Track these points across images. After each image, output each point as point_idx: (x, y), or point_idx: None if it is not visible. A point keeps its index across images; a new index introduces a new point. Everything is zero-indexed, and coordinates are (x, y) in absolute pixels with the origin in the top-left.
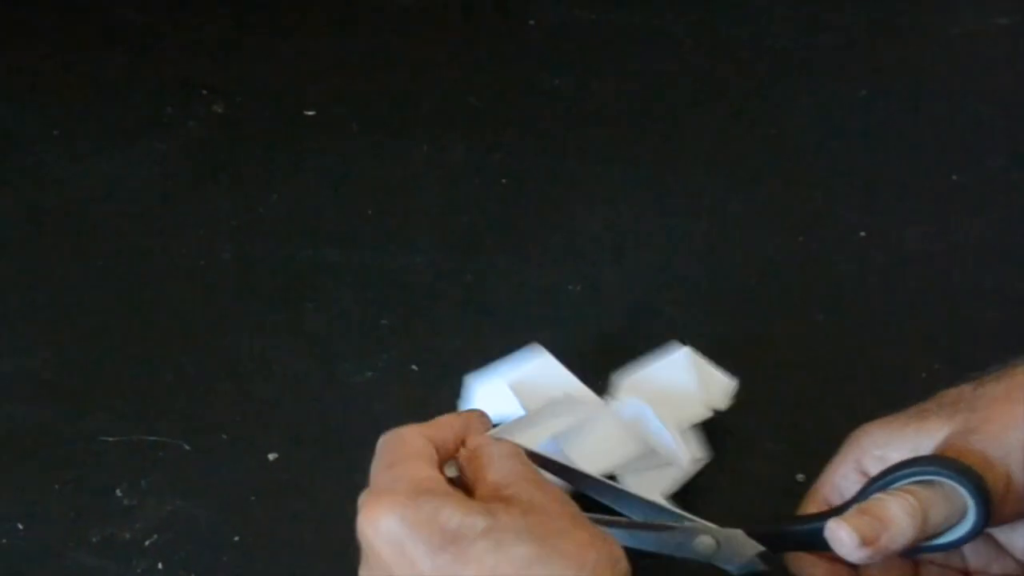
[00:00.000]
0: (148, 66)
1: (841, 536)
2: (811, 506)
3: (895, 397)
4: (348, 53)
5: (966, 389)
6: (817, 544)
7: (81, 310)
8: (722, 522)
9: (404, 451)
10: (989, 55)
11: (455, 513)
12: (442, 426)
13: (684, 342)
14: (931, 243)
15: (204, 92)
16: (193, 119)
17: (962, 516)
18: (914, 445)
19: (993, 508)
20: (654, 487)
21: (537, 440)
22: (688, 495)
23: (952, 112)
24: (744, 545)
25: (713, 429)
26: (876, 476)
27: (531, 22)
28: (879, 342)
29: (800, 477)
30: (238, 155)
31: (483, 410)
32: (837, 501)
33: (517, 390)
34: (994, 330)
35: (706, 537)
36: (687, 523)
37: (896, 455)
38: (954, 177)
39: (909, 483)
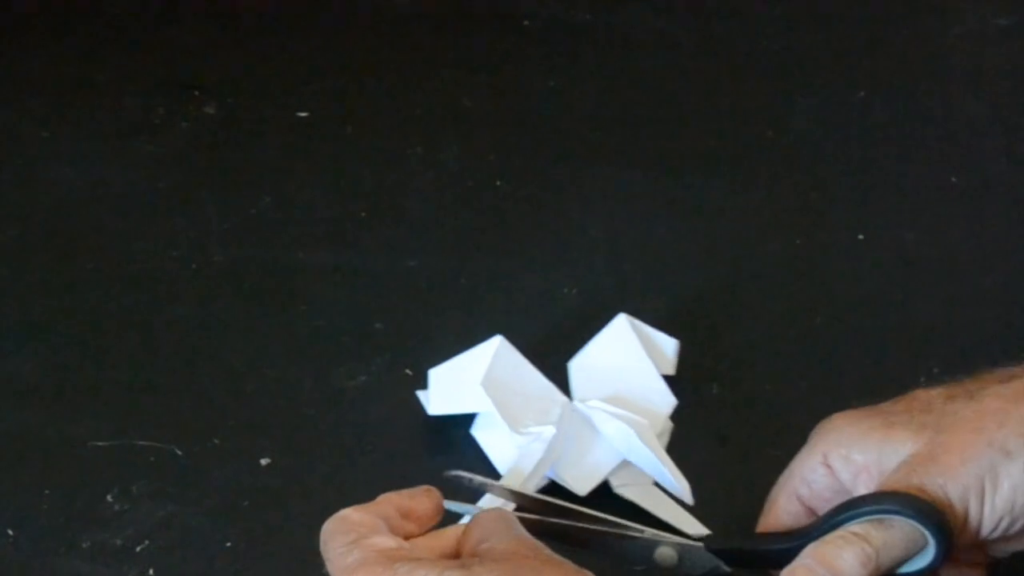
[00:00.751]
0: (139, 66)
1: None
2: (781, 498)
3: None
4: (341, 54)
5: (937, 398)
6: (776, 565)
7: (70, 313)
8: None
9: (360, 529)
10: (988, 56)
11: (431, 572)
12: (383, 503)
13: (681, 345)
14: (930, 246)
15: (196, 93)
16: (185, 120)
17: (920, 550)
18: (878, 454)
19: (951, 546)
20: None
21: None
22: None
23: (951, 113)
24: (704, 559)
25: (708, 435)
26: (839, 506)
27: (526, 23)
28: (877, 346)
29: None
30: (230, 157)
31: (433, 488)
32: (805, 493)
33: (487, 386)
34: (993, 334)
35: (667, 548)
36: (648, 534)
37: (860, 458)
38: (953, 179)
39: (868, 520)
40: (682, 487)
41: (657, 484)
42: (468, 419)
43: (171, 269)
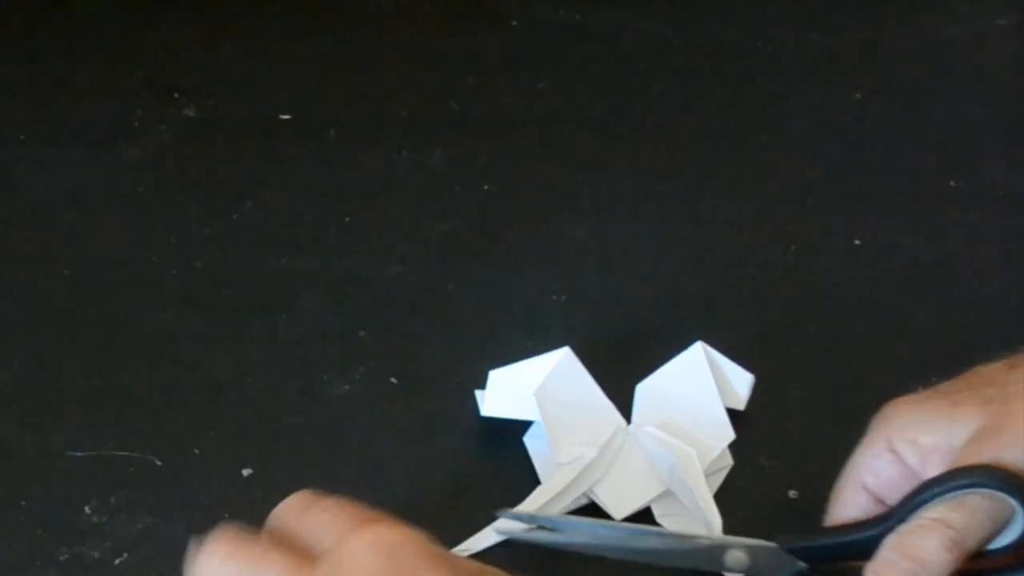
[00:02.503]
0: (117, 68)
1: None
2: (847, 490)
3: None
4: (325, 56)
5: (999, 370)
6: (853, 556)
7: (47, 321)
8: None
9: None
10: (987, 57)
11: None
12: None
13: (671, 353)
14: (928, 252)
15: (176, 95)
16: (164, 123)
17: (1006, 523)
18: (947, 433)
19: None
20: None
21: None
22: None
23: (949, 116)
24: (778, 559)
25: None
26: (913, 492)
27: (514, 23)
28: (873, 354)
29: (792, 494)
30: (211, 161)
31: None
32: (872, 482)
33: (540, 397)
34: (993, 341)
35: (738, 552)
36: (716, 538)
37: (928, 439)
38: (952, 183)
39: (944, 502)
40: (714, 521)
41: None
42: (464, 430)
43: (151, 275)
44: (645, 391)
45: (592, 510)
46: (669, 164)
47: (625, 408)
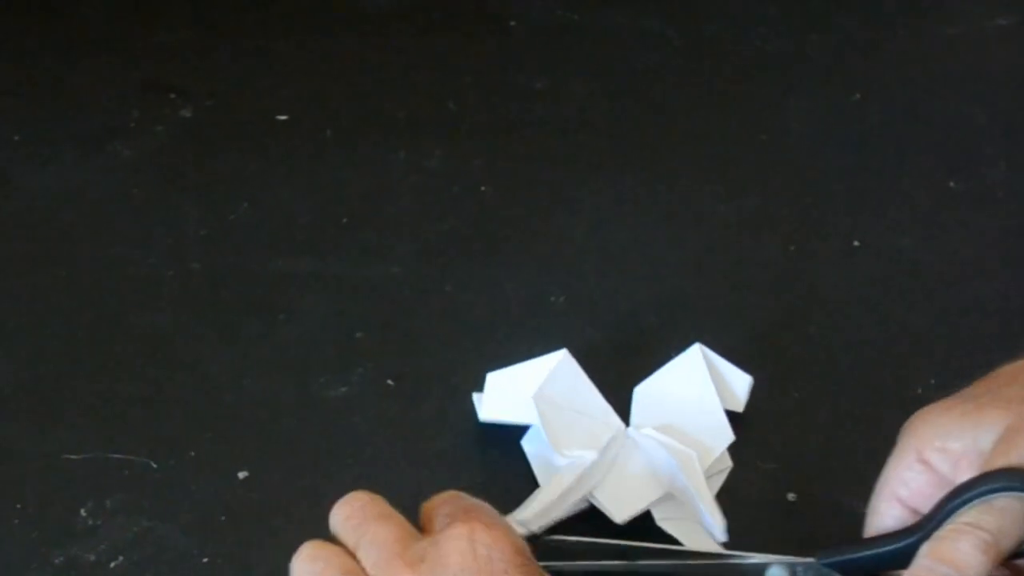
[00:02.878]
0: (113, 68)
1: None
2: (881, 504)
3: (889, 414)
4: (322, 55)
5: (1020, 369)
6: (893, 566)
7: (43, 322)
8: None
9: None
10: (987, 57)
11: None
12: None
13: (670, 355)
14: (927, 253)
15: (172, 96)
16: (160, 124)
17: None
18: (974, 438)
19: None
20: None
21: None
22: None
23: (949, 116)
24: (820, 573)
25: None
26: (945, 498)
27: (512, 23)
28: (873, 356)
29: (791, 496)
30: (207, 161)
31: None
32: (904, 493)
33: (538, 400)
34: (993, 343)
35: (778, 569)
36: (756, 557)
37: (957, 446)
38: (951, 184)
39: (976, 505)
40: (716, 523)
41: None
42: (462, 432)
43: (147, 277)
44: (643, 393)
45: (591, 515)
46: (668, 165)
47: (623, 410)
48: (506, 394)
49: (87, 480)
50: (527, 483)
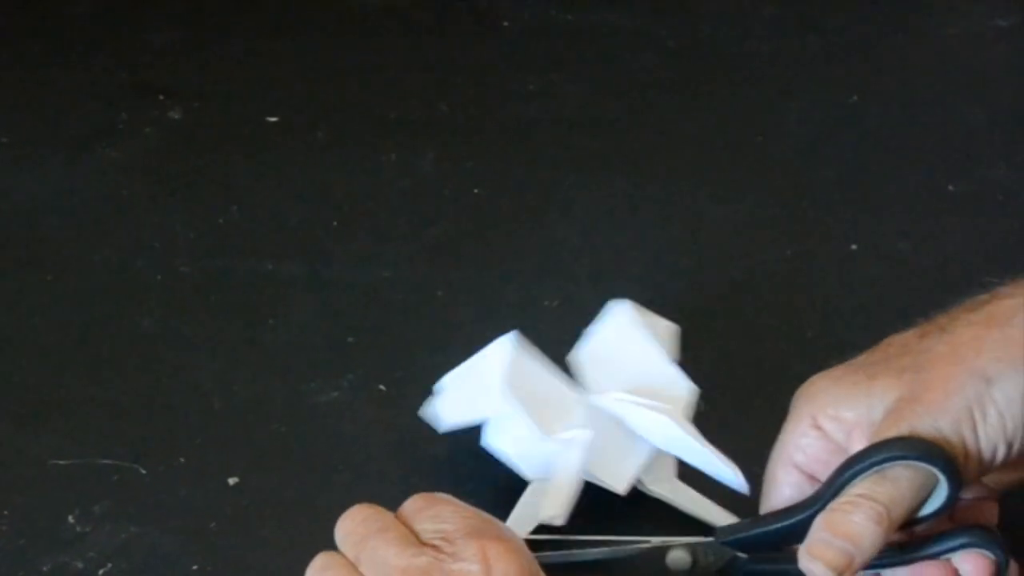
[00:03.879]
0: (101, 69)
1: (814, 570)
2: (779, 471)
3: None
4: (312, 56)
5: (911, 339)
6: (793, 540)
7: (30, 327)
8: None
9: None
10: (987, 58)
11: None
12: None
13: None
14: (925, 256)
15: (161, 97)
16: (149, 126)
17: (931, 491)
18: (866, 407)
19: (959, 478)
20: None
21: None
22: (673, 514)
23: (948, 118)
24: (719, 553)
25: None
26: (838, 469)
27: (505, 23)
28: None
29: None
30: (196, 164)
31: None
32: (801, 459)
33: (509, 389)
34: None
35: (678, 551)
36: (656, 541)
37: (850, 415)
38: (950, 187)
39: (869, 476)
40: (733, 472)
41: (682, 477)
42: (455, 437)
43: (136, 280)
44: (582, 360)
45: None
46: (662, 167)
47: None
48: (464, 394)
49: (75, 486)
50: (523, 486)
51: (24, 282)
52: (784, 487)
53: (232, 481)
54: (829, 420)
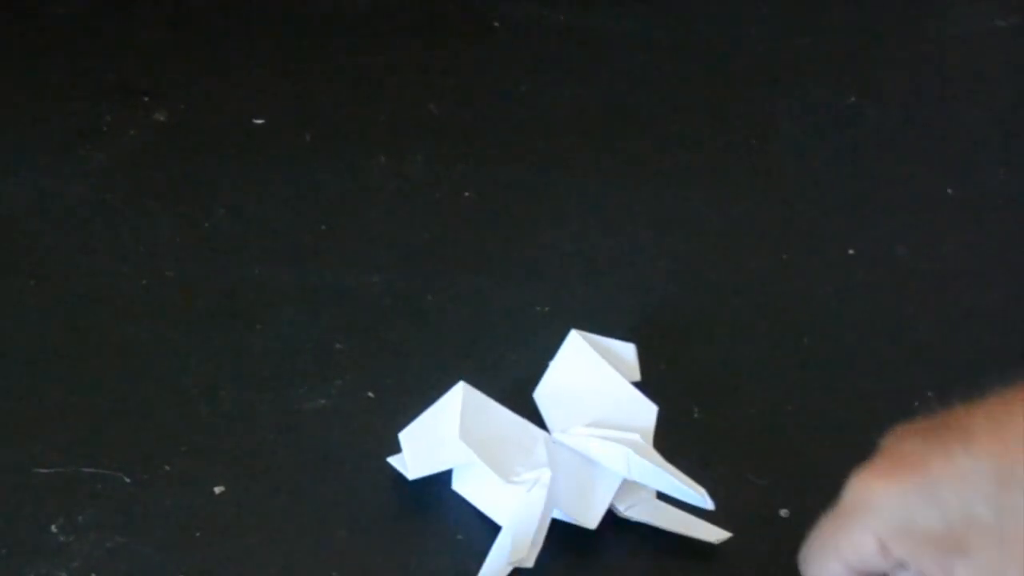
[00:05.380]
0: (84, 69)
1: None
2: (831, 564)
3: (887, 426)
4: (300, 58)
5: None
6: None
7: (11, 333)
8: None
9: None
10: (987, 60)
11: None
12: None
13: (659, 368)
14: (924, 261)
15: (145, 98)
16: (133, 127)
17: None
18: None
19: None
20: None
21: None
22: (658, 536)
23: (947, 121)
24: None
25: (690, 460)
26: None
27: (496, 23)
28: (868, 367)
29: (784, 512)
30: (182, 166)
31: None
32: (856, 562)
33: (466, 438)
34: (992, 354)
35: None
36: None
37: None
38: (949, 191)
39: None
40: (699, 493)
41: (661, 496)
42: None
43: (120, 286)
44: (545, 397)
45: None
46: (656, 171)
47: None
48: (426, 445)
49: (58, 495)
50: None
51: (5, 287)
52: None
53: (218, 490)
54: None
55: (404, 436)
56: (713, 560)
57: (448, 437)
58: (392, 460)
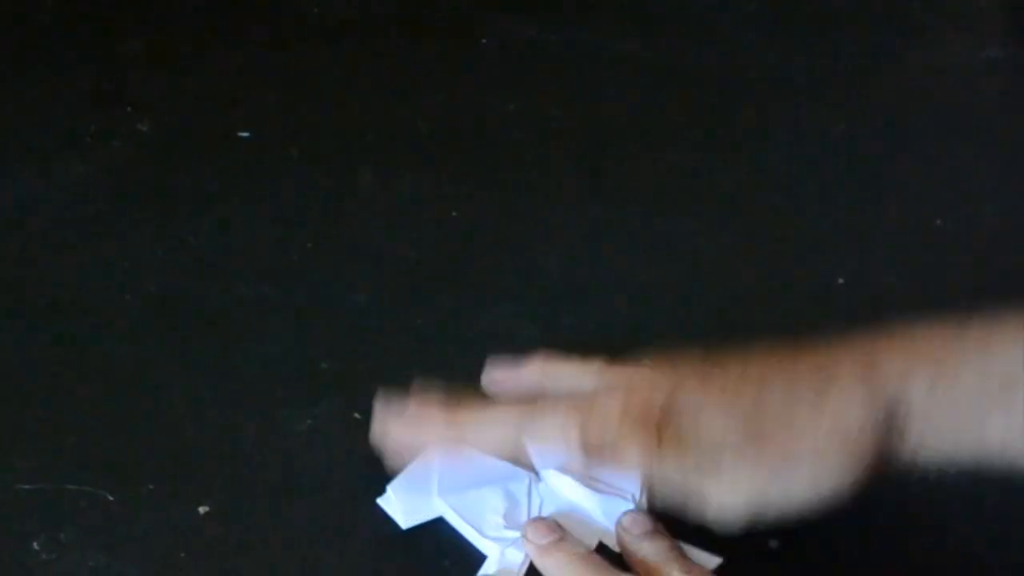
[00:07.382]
0: (67, 80)
1: None
2: None
3: None
4: (286, 71)
5: None
6: None
7: None
8: None
9: None
10: (977, 90)
11: None
12: None
13: None
14: (914, 291)
15: (129, 109)
16: (117, 139)
17: None
18: None
19: None
20: None
21: None
22: None
23: (937, 151)
24: None
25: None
26: None
27: (484, 41)
28: None
29: (773, 544)
30: (165, 179)
31: None
32: None
33: (445, 498)
34: None
35: None
36: None
37: None
38: (938, 222)
39: None
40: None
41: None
42: None
43: (102, 300)
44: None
45: None
46: (645, 194)
47: None
48: (414, 497)
49: (40, 512)
50: None
51: None
52: None
53: (203, 510)
54: None
55: (392, 488)
56: None
57: (431, 492)
58: (383, 503)
